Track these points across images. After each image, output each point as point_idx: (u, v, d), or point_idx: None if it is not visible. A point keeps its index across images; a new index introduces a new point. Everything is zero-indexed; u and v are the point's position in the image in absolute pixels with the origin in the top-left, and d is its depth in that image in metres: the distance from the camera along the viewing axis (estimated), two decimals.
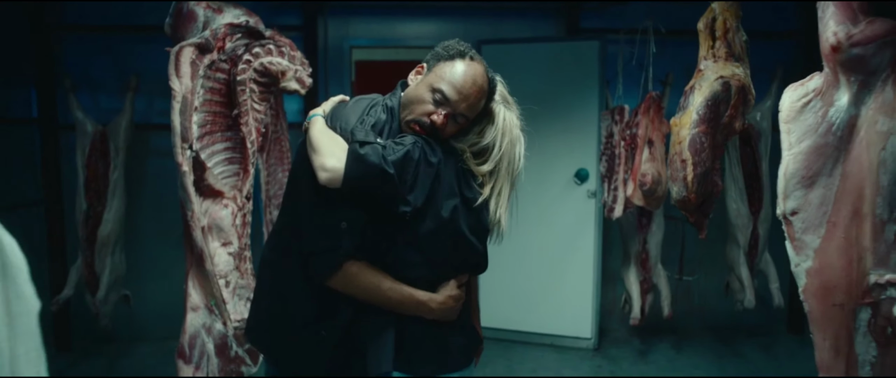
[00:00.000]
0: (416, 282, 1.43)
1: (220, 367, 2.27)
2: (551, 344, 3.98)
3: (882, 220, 1.47)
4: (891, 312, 1.47)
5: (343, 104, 1.55)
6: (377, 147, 1.34)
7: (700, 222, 2.44)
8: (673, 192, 2.37)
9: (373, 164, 1.31)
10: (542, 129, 3.83)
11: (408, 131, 1.45)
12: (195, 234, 2.18)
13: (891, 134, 1.47)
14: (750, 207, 3.66)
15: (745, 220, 3.65)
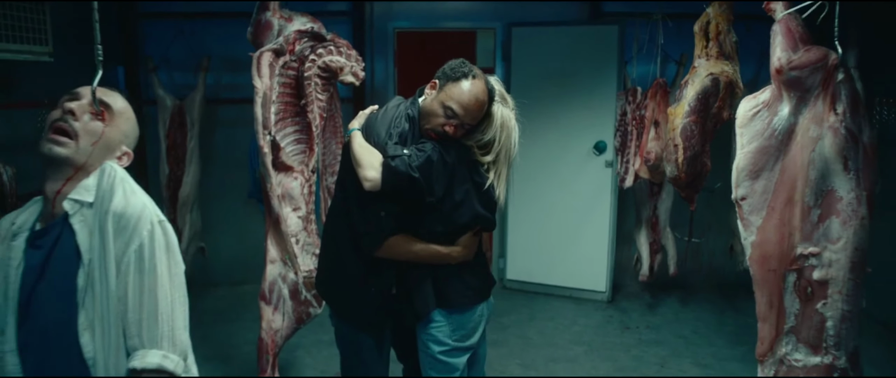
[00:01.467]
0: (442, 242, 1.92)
1: (293, 308, 2.84)
2: (570, 296, 4.49)
3: (809, 206, 1.90)
4: (811, 276, 1.91)
5: (374, 116, 2.00)
6: (404, 158, 1.81)
7: (690, 196, 2.87)
8: (667, 170, 2.80)
9: (402, 173, 1.79)
10: (565, 104, 4.26)
11: (426, 136, 1.91)
12: (272, 202, 2.71)
13: (819, 139, 1.88)
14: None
15: None
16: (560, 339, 3.84)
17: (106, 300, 1.20)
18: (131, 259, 1.22)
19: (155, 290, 1.23)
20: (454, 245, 1.93)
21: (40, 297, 1.24)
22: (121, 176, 1.31)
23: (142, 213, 1.25)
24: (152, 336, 1.22)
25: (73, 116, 1.28)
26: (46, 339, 1.23)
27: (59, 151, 1.25)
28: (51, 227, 1.26)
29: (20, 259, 1.26)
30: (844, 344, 1.91)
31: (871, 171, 1.89)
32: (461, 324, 1.96)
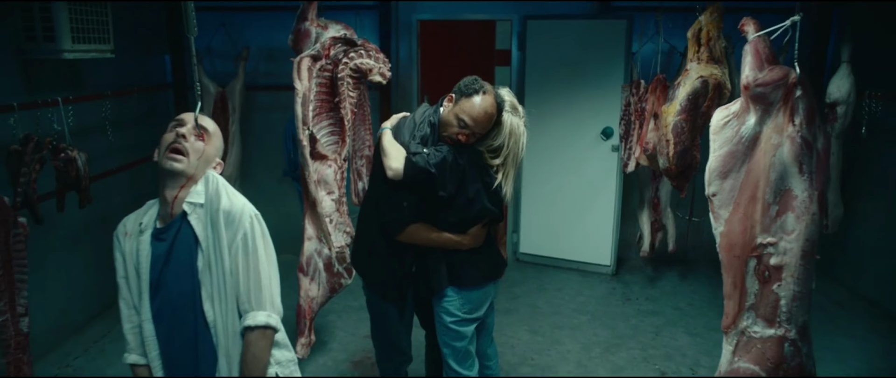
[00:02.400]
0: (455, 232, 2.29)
1: (327, 279, 3.25)
2: (577, 268, 4.86)
3: (768, 203, 2.23)
4: (768, 262, 2.25)
5: (403, 120, 2.36)
6: (423, 155, 2.17)
7: (680, 185, 3.20)
8: (660, 162, 3.13)
9: (421, 168, 2.16)
10: (576, 91, 4.58)
11: (444, 141, 2.27)
12: (310, 187, 3.11)
13: (779, 146, 2.20)
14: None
15: None
16: (566, 308, 4.23)
17: (222, 277, 1.61)
18: (238, 245, 1.62)
19: (258, 267, 1.64)
20: (465, 234, 2.30)
21: (167, 277, 1.64)
22: (221, 182, 1.70)
23: (243, 210, 1.65)
24: (259, 301, 1.64)
25: (184, 139, 1.66)
26: (175, 309, 1.65)
27: (177, 167, 1.63)
28: (171, 224, 1.66)
29: (148, 250, 1.66)
30: (795, 319, 2.26)
31: (823, 174, 2.21)
32: (469, 299, 2.35)
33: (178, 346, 1.70)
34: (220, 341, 1.65)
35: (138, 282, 1.68)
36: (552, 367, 3.46)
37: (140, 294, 1.69)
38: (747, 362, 2.35)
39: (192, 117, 1.75)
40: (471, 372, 2.43)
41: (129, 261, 1.71)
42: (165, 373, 1.72)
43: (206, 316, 1.65)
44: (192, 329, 1.67)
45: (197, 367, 1.69)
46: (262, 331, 1.65)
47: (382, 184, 2.29)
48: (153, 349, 1.70)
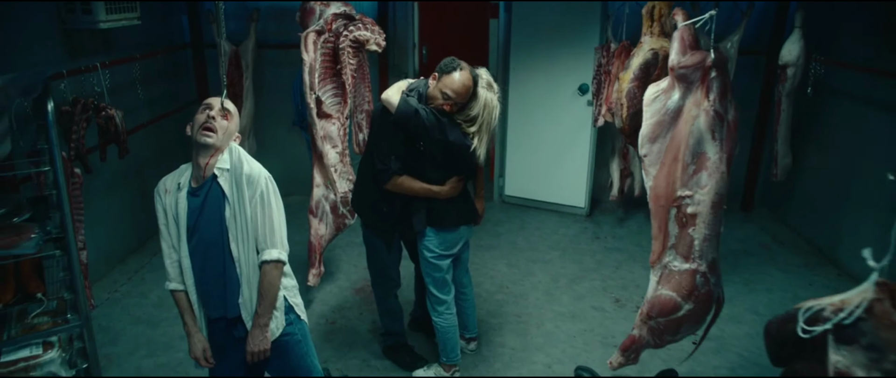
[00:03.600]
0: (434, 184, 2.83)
1: (333, 220, 3.83)
2: (555, 210, 5.44)
3: (687, 163, 2.75)
4: (686, 210, 2.79)
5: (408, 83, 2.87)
6: (414, 100, 2.68)
7: (633, 142, 3.70)
8: (616, 123, 3.63)
9: (411, 106, 2.66)
10: (556, 51, 5.03)
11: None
12: (317, 142, 3.63)
13: (697, 117, 2.70)
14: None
15: None
16: (541, 245, 4.83)
17: (244, 224, 2.15)
18: (257, 200, 2.16)
19: (271, 216, 2.18)
20: (442, 186, 2.85)
21: (201, 224, 2.18)
22: (242, 152, 2.23)
23: (260, 174, 2.18)
24: (272, 242, 2.19)
25: (213, 119, 2.18)
26: (207, 248, 2.19)
27: (208, 141, 2.15)
28: (204, 184, 2.19)
29: (185, 204, 2.21)
30: (706, 256, 2.82)
31: (732, 140, 2.72)
32: (445, 239, 2.92)
33: (209, 276, 2.25)
34: (243, 272, 2.21)
35: (177, 228, 2.21)
36: (524, 295, 4.08)
37: (178, 237, 2.23)
38: (668, 290, 2.92)
39: (218, 102, 2.25)
40: (447, 296, 3.03)
41: (169, 212, 2.24)
42: (199, 297, 2.28)
43: (232, 253, 2.19)
44: (221, 263, 2.22)
45: (225, 293, 2.24)
46: (275, 264, 2.21)
47: (375, 144, 2.83)
48: (189, 279, 2.26)
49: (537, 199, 5.50)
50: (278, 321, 2.27)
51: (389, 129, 2.75)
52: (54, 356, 2.00)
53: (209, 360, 2.29)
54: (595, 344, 3.57)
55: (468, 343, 3.43)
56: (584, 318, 3.83)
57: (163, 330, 3.70)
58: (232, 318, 2.25)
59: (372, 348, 3.49)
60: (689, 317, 2.92)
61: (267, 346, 2.23)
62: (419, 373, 3.24)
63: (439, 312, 3.05)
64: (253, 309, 2.22)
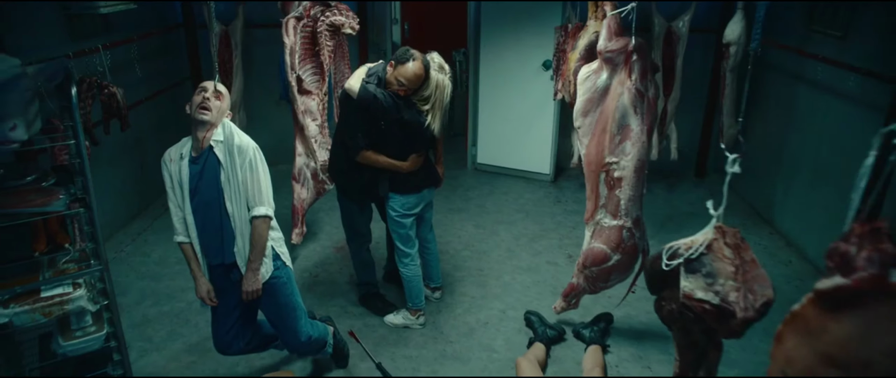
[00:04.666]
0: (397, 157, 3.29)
1: (313, 186, 4.28)
2: (522, 176, 5.91)
3: (613, 134, 3.21)
4: (613, 174, 3.26)
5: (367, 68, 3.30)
6: (372, 86, 3.12)
7: None
8: (566, 98, 4.08)
9: (370, 92, 3.10)
10: (523, 29, 5.45)
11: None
12: (298, 116, 4.07)
13: (621, 94, 3.15)
14: (663, 91, 5.27)
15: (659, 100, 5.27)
16: (508, 208, 5.31)
17: (237, 186, 2.60)
18: (247, 166, 2.60)
19: (259, 179, 2.62)
20: (404, 162, 3.30)
21: (201, 187, 2.63)
22: (234, 127, 2.67)
23: (249, 145, 2.62)
24: (260, 200, 2.64)
25: (208, 100, 2.61)
26: (207, 207, 2.64)
27: (205, 118, 2.59)
28: (202, 154, 2.63)
29: (187, 170, 2.65)
30: (630, 213, 3.29)
31: (651, 115, 3.18)
32: (407, 201, 3.39)
33: (209, 230, 2.70)
34: (237, 226, 2.67)
35: (181, 191, 2.66)
36: (487, 252, 4.57)
37: (183, 198, 2.69)
38: (600, 243, 3.41)
39: (212, 85, 2.68)
40: (411, 250, 3.52)
41: (174, 177, 2.69)
42: (201, 247, 2.74)
43: (227, 210, 2.65)
44: (219, 219, 2.68)
45: (222, 243, 2.70)
46: (263, 218, 2.67)
47: (344, 122, 3.28)
48: (193, 232, 2.72)
49: (506, 166, 5.97)
50: (267, 267, 2.75)
51: (354, 111, 3.19)
52: (82, 293, 2.47)
53: (212, 299, 2.77)
54: (546, 293, 4.06)
55: (433, 292, 3.93)
56: (539, 271, 4.33)
57: (165, 283, 4.18)
58: (229, 264, 2.72)
59: (349, 297, 3.99)
60: (617, 266, 3.42)
61: (258, 286, 2.71)
62: (389, 318, 3.74)
63: (405, 264, 3.54)
64: (246, 256, 2.68)
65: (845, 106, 4.10)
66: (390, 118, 3.16)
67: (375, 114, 3.17)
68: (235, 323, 2.88)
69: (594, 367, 3.24)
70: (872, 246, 1.23)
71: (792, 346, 1.38)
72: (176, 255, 4.52)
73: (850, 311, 1.25)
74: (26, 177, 2.55)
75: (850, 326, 1.25)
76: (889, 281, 1.21)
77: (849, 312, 1.25)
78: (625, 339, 3.63)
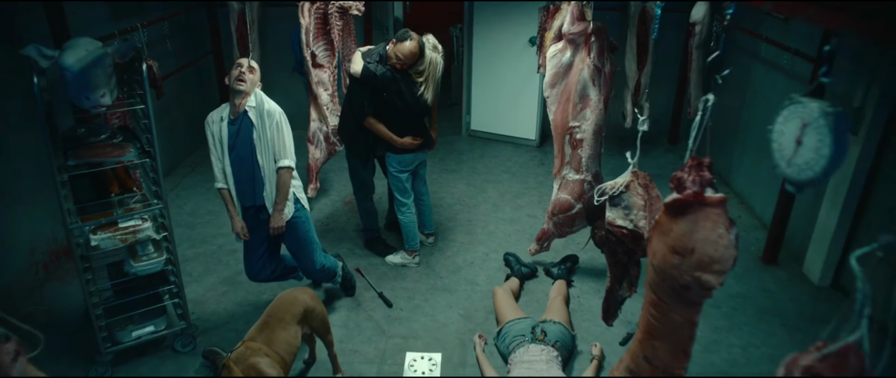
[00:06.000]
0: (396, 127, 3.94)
1: (325, 147, 4.95)
2: (511, 141, 6.56)
3: (576, 103, 3.85)
4: (575, 136, 3.91)
5: (368, 50, 3.94)
6: (374, 66, 3.78)
7: None
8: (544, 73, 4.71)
9: (371, 71, 3.76)
10: (513, 10, 6.03)
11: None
12: (312, 86, 4.72)
13: (582, 69, 3.78)
14: (638, 65, 5.88)
15: (633, 73, 5.89)
16: (496, 169, 5.97)
17: (267, 143, 3.26)
18: (274, 127, 3.26)
19: (284, 138, 3.28)
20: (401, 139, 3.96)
21: (237, 144, 3.29)
22: (264, 95, 3.32)
23: (275, 109, 3.27)
24: (285, 154, 3.29)
25: (243, 73, 3.26)
26: (242, 160, 3.30)
27: (242, 88, 3.24)
28: (238, 117, 3.28)
29: (226, 130, 3.31)
30: (590, 169, 3.95)
31: (607, 88, 3.81)
32: (403, 160, 4.06)
33: (244, 178, 3.38)
34: (266, 175, 3.34)
35: (221, 146, 3.32)
36: (476, 206, 5.26)
37: (223, 152, 3.35)
38: (565, 194, 4.08)
39: (246, 61, 3.33)
40: (407, 200, 4.20)
41: (215, 136, 3.35)
42: (237, 192, 3.42)
43: (259, 162, 3.32)
44: (251, 169, 3.35)
45: (254, 188, 3.37)
46: (287, 169, 3.34)
47: (352, 90, 3.94)
48: (230, 180, 3.39)
49: (497, 132, 6.62)
50: (290, 208, 3.43)
51: (358, 87, 3.85)
52: (149, 225, 3.16)
53: (245, 234, 3.46)
54: (524, 240, 4.75)
55: (427, 237, 4.63)
56: (520, 222, 5.02)
57: (198, 230, 4.88)
58: (259, 206, 3.41)
59: (356, 242, 4.69)
60: (580, 214, 4.09)
61: (283, 224, 3.40)
62: (389, 258, 4.44)
63: (402, 212, 4.23)
64: (273, 199, 3.37)
65: (787, 81, 4.72)
66: (391, 89, 3.82)
67: (377, 87, 3.82)
68: (263, 254, 3.58)
69: (557, 296, 3.93)
70: (697, 173, 1.90)
71: (654, 243, 2.05)
72: (205, 207, 5.23)
73: (683, 216, 1.92)
74: (101, 135, 3.22)
75: (683, 226, 1.92)
76: (705, 196, 1.88)
77: (683, 217, 1.92)
78: (587, 275, 4.32)
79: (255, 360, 2.62)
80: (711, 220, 1.89)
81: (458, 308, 3.97)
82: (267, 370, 2.61)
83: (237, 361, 2.61)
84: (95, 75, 2.81)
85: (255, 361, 2.61)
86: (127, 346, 3.40)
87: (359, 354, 3.56)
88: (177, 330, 3.54)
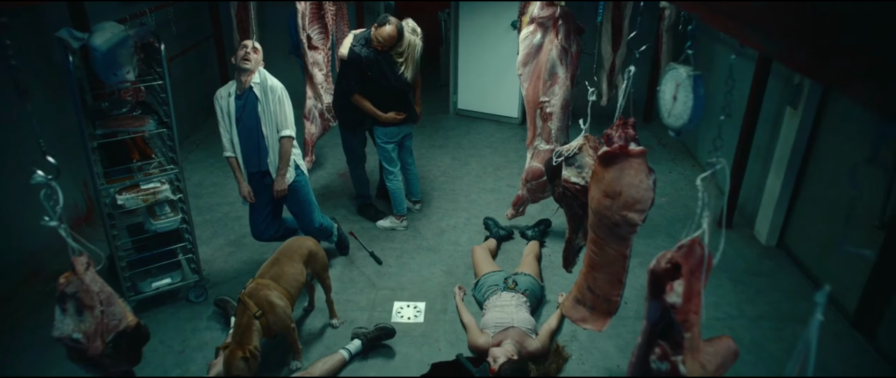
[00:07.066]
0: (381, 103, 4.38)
1: (320, 122, 5.38)
2: (494, 120, 7.00)
3: (545, 80, 4.29)
4: (545, 110, 4.35)
5: (356, 34, 4.37)
6: (359, 49, 4.21)
7: None
8: None
9: (355, 53, 4.20)
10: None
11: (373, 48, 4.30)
12: (308, 66, 5.14)
13: (551, 50, 4.22)
14: (612, 47, 6.30)
15: (608, 54, 6.32)
16: (480, 144, 6.42)
17: (270, 115, 3.69)
18: (276, 101, 3.68)
19: (285, 110, 3.71)
20: (385, 114, 4.40)
21: (244, 116, 3.72)
22: (266, 73, 3.74)
23: (277, 85, 3.70)
24: (285, 124, 3.72)
25: (248, 53, 3.68)
26: (248, 131, 3.73)
27: (247, 66, 3.66)
28: (245, 93, 3.70)
29: (234, 105, 3.74)
30: (559, 140, 4.40)
31: (574, 66, 4.25)
32: (388, 132, 4.51)
33: (249, 147, 3.81)
34: (269, 144, 3.78)
35: (229, 119, 3.76)
36: (460, 177, 5.71)
37: (230, 124, 3.79)
38: (537, 163, 4.52)
39: (250, 43, 3.75)
40: (394, 168, 4.65)
41: (223, 110, 3.78)
42: (243, 160, 3.86)
43: (263, 132, 3.75)
44: (256, 139, 3.79)
45: (259, 156, 3.82)
46: (288, 138, 3.77)
47: (342, 70, 4.37)
48: (238, 149, 3.83)
49: (481, 110, 7.05)
50: (291, 173, 3.87)
51: (347, 68, 4.29)
52: (167, 187, 3.61)
53: (252, 197, 3.90)
54: (503, 207, 5.20)
55: (414, 204, 5.08)
56: (500, 192, 5.48)
57: (205, 200, 5.32)
58: (263, 171, 3.85)
59: (349, 208, 5.15)
60: None
61: (285, 187, 3.84)
62: (380, 222, 4.90)
63: (390, 179, 4.68)
64: (276, 165, 3.81)
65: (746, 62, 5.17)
66: (375, 69, 4.26)
67: (362, 68, 4.26)
68: (267, 216, 4.03)
69: (530, 254, 4.40)
70: (623, 130, 2.35)
71: (592, 190, 2.51)
72: (210, 179, 5.66)
73: (613, 165, 2.37)
74: (122, 108, 3.65)
75: (612, 173, 2.37)
76: (629, 149, 2.33)
77: (612, 166, 2.37)
78: (559, 237, 4.78)
79: (266, 293, 3.08)
80: (634, 168, 2.35)
81: (441, 265, 4.44)
82: (277, 301, 3.08)
83: (250, 295, 3.08)
84: (120, 55, 3.23)
85: (267, 294, 3.07)
86: (147, 296, 3.86)
87: (352, 303, 4.03)
88: (190, 282, 4.00)
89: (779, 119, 4.59)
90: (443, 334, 3.76)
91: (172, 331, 3.74)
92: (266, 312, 3.06)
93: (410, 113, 4.61)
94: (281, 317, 3.12)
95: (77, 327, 1.86)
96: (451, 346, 3.65)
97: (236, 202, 5.21)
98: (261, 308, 3.06)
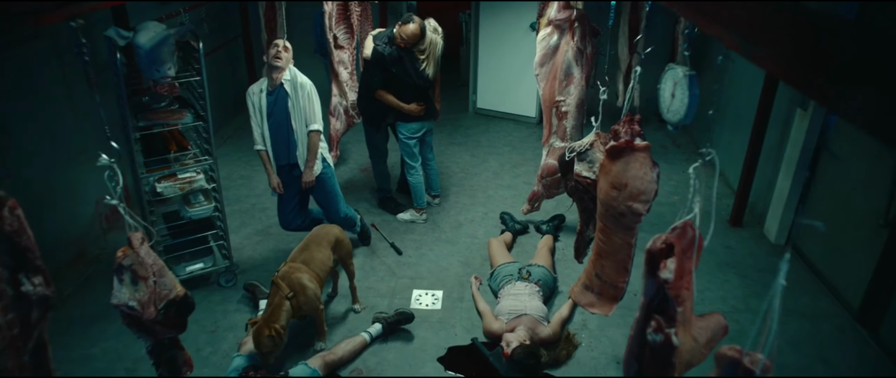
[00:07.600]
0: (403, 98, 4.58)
1: (345, 119, 5.61)
2: (513, 119, 7.18)
3: (561, 80, 4.46)
4: (561, 109, 4.53)
5: (379, 32, 4.58)
6: (382, 47, 4.42)
7: None
8: None
9: (379, 52, 4.40)
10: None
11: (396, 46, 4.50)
12: (334, 65, 5.36)
13: (567, 51, 4.39)
14: (628, 48, 6.45)
15: (625, 55, 6.47)
16: (498, 142, 6.60)
17: (299, 110, 3.92)
18: (306, 97, 3.90)
19: (313, 106, 3.93)
20: (408, 105, 4.60)
21: (275, 111, 3.94)
22: (296, 70, 3.96)
23: (306, 82, 3.92)
24: (314, 119, 3.94)
25: (280, 52, 3.91)
26: (279, 125, 3.95)
27: (278, 64, 3.88)
28: (276, 89, 3.93)
29: (265, 100, 3.97)
30: (574, 138, 4.57)
31: (589, 67, 4.42)
32: (410, 127, 4.71)
33: (279, 140, 4.03)
34: (298, 137, 4.00)
35: (260, 114, 3.98)
36: (478, 174, 5.89)
37: (262, 119, 4.01)
38: (552, 159, 4.69)
39: (281, 42, 3.97)
40: (415, 163, 4.85)
41: (255, 105, 4.01)
42: (273, 153, 4.08)
43: (293, 126, 3.97)
44: (286, 133, 4.01)
45: (288, 149, 4.04)
46: (316, 132, 3.99)
47: (366, 68, 4.58)
48: (268, 142, 4.05)
49: (500, 110, 7.23)
50: (318, 166, 4.09)
51: (372, 66, 4.50)
52: (202, 177, 3.85)
53: (281, 188, 4.13)
54: (520, 203, 5.37)
55: (433, 199, 5.28)
56: (516, 188, 5.65)
57: (233, 192, 5.57)
58: (292, 164, 4.07)
59: (371, 201, 5.36)
60: None
61: (313, 178, 4.07)
62: (400, 215, 5.11)
63: (411, 173, 4.89)
64: (304, 158, 4.03)
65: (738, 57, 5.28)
66: (398, 65, 4.46)
67: (385, 65, 4.47)
68: (295, 206, 4.26)
69: (544, 247, 4.58)
70: (628, 126, 2.52)
71: (600, 182, 2.69)
72: (238, 172, 5.91)
73: (619, 158, 2.55)
74: (162, 103, 3.89)
75: (619, 166, 2.54)
76: (635, 143, 2.50)
77: (619, 160, 2.55)
78: (573, 232, 4.94)
79: (298, 275, 3.30)
80: (639, 161, 2.52)
81: (459, 256, 4.63)
82: (308, 283, 3.30)
83: (283, 277, 3.30)
84: (162, 52, 3.47)
85: (298, 277, 3.29)
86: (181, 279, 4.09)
87: (374, 290, 4.23)
88: (221, 268, 4.24)
89: (789, 120, 4.71)
90: (459, 320, 3.95)
91: (205, 312, 3.98)
92: (297, 294, 3.29)
93: (431, 108, 4.81)
94: (311, 298, 3.34)
95: (132, 296, 2.09)
96: (467, 331, 3.84)
97: (263, 194, 5.45)
98: (293, 290, 3.28)
